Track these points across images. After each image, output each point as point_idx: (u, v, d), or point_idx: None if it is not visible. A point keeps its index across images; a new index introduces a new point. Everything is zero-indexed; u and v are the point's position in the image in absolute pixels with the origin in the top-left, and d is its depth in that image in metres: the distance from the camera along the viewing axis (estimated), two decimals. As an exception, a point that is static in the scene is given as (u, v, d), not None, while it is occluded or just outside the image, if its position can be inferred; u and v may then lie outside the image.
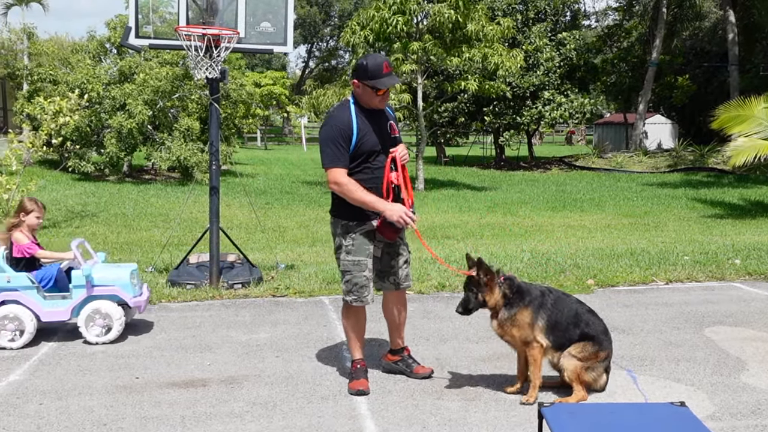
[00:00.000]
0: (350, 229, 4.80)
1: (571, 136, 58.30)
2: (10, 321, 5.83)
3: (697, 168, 27.98)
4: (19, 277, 5.93)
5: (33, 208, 6.27)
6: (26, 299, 5.90)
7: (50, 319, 5.99)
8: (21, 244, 6.11)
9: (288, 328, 6.40)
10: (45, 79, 22.26)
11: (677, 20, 37.68)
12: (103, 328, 5.96)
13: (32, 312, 5.89)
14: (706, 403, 4.59)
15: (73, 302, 5.99)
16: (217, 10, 7.76)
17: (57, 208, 15.44)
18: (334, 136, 4.68)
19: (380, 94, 4.75)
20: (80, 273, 5.97)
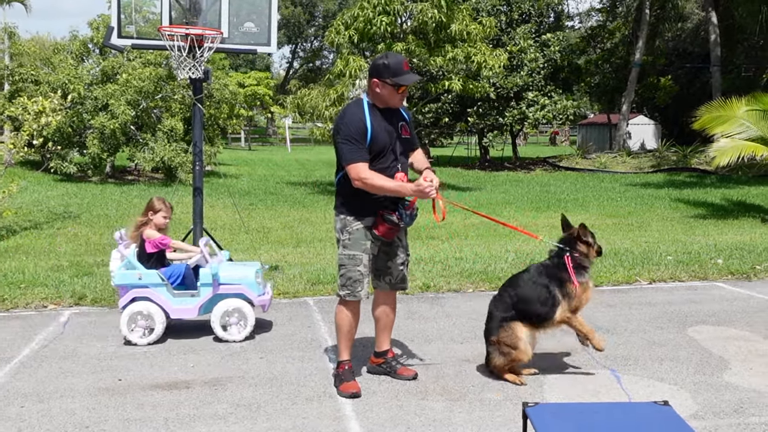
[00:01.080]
0: (347, 224, 4.81)
1: (555, 137, 58.51)
2: (142, 318, 5.95)
3: (680, 168, 28.13)
4: (150, 275, 6.02)
5: (161, 208, 6.37)
6: (156, 296, 6.01)
7: (179, 316, 6.12)
8: (154, 238, 6.21)
9: (272, 328, 6.37)
10: (26, 80, 22.07)
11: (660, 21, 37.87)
12: (236, 326, 6.05)
13: (162, 309, 6.00)
14: (689, 402, 4.62)
15: (201, 300, 6.10)
16: (200, 10, 7.72)
17: (39, 209, 15.31)
18: (350, 133, 4.69)
19: (401, 92, 4.77)
20: (208, 271, 6.06)
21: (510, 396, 4.74)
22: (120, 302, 6.03)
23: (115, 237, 6.36)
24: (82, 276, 8.25)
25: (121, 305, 5.99)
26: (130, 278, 6.00)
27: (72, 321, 6.62)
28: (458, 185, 24.40)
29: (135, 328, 5.95)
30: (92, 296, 7.31)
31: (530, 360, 5.00)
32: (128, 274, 6.02)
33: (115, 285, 6.10)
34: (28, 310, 7.03)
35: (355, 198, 4.78)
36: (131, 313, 5.93)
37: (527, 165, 32.91)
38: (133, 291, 5.98)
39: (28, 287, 7.66)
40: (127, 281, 6.01)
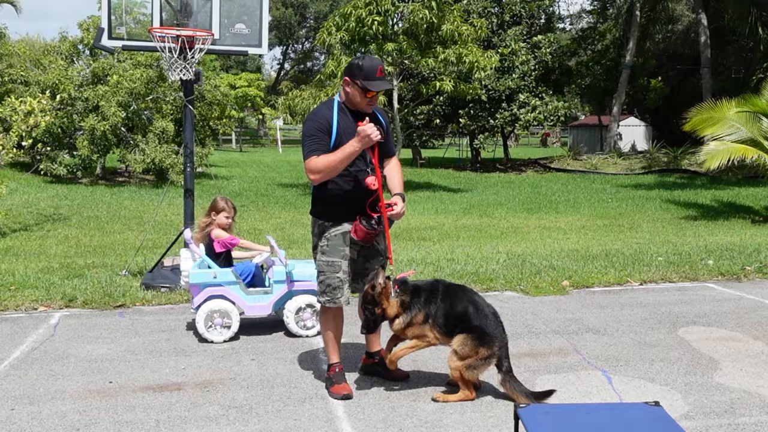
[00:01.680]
0: (325, 229, 4.79)
1: (546, 139, 58.66)
2: (219, 315, 6.03)
3: (671, 170, 28.25)
4: (225, 273, 6.13)
5: (224, 207, 6.47)
6: (231, 294, 6.11)
7: (253, 313, 6.20)
8: (223, 238, 6.38)
9: (264, 330, 6.36)
10: (16, 81, 22.00)
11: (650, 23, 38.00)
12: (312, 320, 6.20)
13: (237, 306, 6.11)
14: (680, 403, 4.63)
15: (275, 297, 6.20)
16: (191, 12, 7.72)
17: (29, 211, 15.26)
18: (309, 129, 4.68)
19: (369, 96, 4.69)
20: (281, 269, 6.18)
21: (501, 397, 4.75)
22: (194, 301, 6.09)
23: (185, 236, 6.57)
24: (72, 278, 8.22)
25: (196, 304, 6.06)
26: (205, 277, 6.09)
27: (62, 323, 6.59)
28: (450, 186, 24.43)
29: (212, 327, 6.04)
30: (83, 298, 7.28)
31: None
32: (203, 273, 6.11)
33: (190, 284, 6.15)
34: (19, 312, 7.00)
35: (333, 203, 4.75)
36: (208, 312, 6.02)
37: (518, 166, 32.99)
38: (208, 290, 6.07)
39: (19, 289, 7.62)
40: (202, 280, 6.09)
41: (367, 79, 4.62)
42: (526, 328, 6.39)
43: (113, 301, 7.26)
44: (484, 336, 4.66)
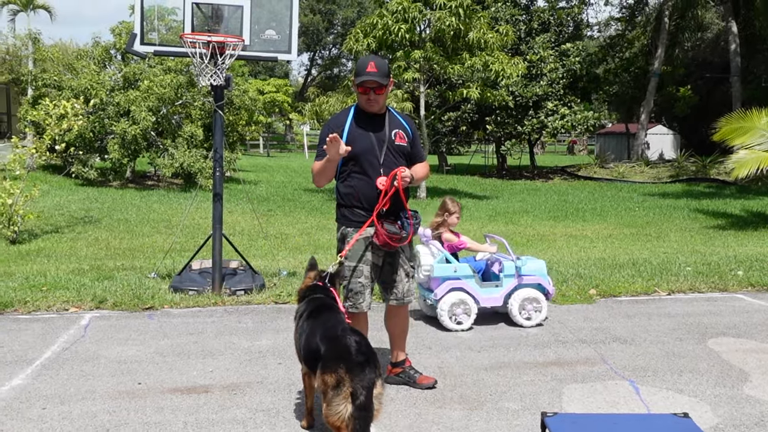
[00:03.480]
0: (347, 235, 4.82)
1: (573, 146, 58.36)
2: (459, 306, 6.56)
3: (699, 179, 27.99)
4: (463, 267, 6.74)
5: (455, 210, 6.94)
6: (469, 287, 6.67)
7: (487, 304, 6.75)
8: (452, 242, 6.90)
9: (290, 335, 6.34)
10: (49, 85, 22.30)
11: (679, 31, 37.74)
12: (534, 312, 6.72)
13: (474, 298, 6.63)
14: (709, 415, 4.59)
15: (505, 290, 6.76)
16: (222, 18, 7.79)
17: (60, 214, 15.45)
18: (322, 135, 4.78)
19: (362, 93, 4.76)
20: (511, 264, 6.77)
21: (528, 405, 4.74)
22: (437, 293, 6.60)
23: (420, 233, 6.88)
24: (102, 280, 8.31)
25: (438, 296, 6.58)
26: (446, 271, 6.67)
27: (93, 324, 6.67)
28: (475, 193, 24.39)
29: (453, 317, 6.57)
30: (113, 300, 7.36)
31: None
32: (445, 267, 6.67)
33: (432, 277, 6.67)
34: (50, 312, 7.09)
35: (355, 209, 4.80)
36: (450, 303, 6.56)
37: (545, 174, 32.84)
38: (449, 282, 6.63)
39: (50, 290, 7.73)
40: (443, 274, 6.66)
41: (357, 76, 4.75)
42: (552, 337, 6.37)
43: (142, 303, 7.34)
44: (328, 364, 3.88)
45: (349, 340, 3.89)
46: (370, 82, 4.71)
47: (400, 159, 4.87)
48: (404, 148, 4.89)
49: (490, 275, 6.99)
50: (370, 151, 4.75)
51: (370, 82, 4.71)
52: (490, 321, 6.88)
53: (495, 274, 6.94)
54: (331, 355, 3.87)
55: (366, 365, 3.72)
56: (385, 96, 4.85)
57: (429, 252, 6.82)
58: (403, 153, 4.89)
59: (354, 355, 3.78)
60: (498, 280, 6.82)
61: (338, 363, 3.77)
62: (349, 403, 3.64)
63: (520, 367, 5.54)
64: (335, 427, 3.70)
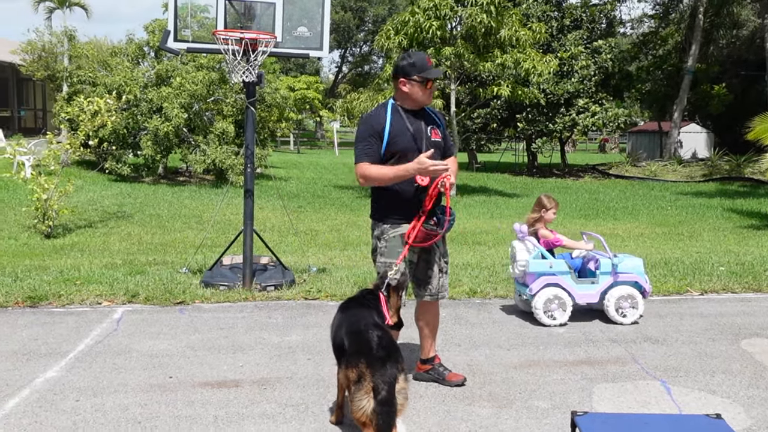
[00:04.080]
0: (384, 232, 4.82)
1: (605, 144, 57.83)
2: (554, 302, 6.65)
3: (733, 178, 27.61)
4: (559, 264, 6.80)
5: (552, 206, 7.03)
6: (564, 283, 6.73)
7: (582, 301, 6.82)
8: (548, 238, 6.95)
9: (320, 331, 6.41)
10: (84, 81, 22.58)
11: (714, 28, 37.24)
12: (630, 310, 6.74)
13: (569, 294, 6.71)
14: (742, 416, 4.53)
15: (601, 287, 6.79)
16: (254, 15, 7.83)
17: (93, 209, 15.65)
18: (362, 132, 4.76)
19: (429, 87, 4.79)
20: (608, 261, 6.81)
21: (558, 404, 4.71)
22: (532, 288, 6.67)
23: (515, 228, 7.14)
24: (135, 274, 8.41)
25: (533, 291, 6.65)
26: (541, 267, 6.74)
27: (125, 318, 6.75)
28: (505, 191, 24.29)
29: (548, 312, 6.64)
30: (145, 294, 7.45)
31: None
32: (540, 263, 6.75)
33: (527, 273, 6.76)
34: (83, 306, 7.19)
35: (392, 205, 4.78)
36: (545, 299, 6.64)
37: (576, 172, 32.62)
38: (544, 278, 6.70)
39: (83, 284, 7.83)
40: (539, 269, 6.73)
41: (423, 71, 4.73)
42: (583, 336, 6.33)
43: (174, 297, 7.41)
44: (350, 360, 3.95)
45: (370, 335, 3.91)
46: (436, 73, 4.79)
47: (437, 154, 4.86)
48: (439, 143, 4.91)
49: (586, 272, 7.00)
50: (411, 147, 4.74)
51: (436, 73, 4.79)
52: (518, 320, 6.86)
53: (591, 271, 6.95)
54: (353, 349, 3.91)
55: (387, 360, 3.74)
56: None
57: (525, 248, 6.92)
58: (439, 148, 4.90)
59: (375, 349, 3.80)
60: (594, 277, 6.85)
61: (359, 358, 3.80)
62: (371, 398, 3.66)
63: (550, 365, 5.51)
64: (360, 422, 3.72)
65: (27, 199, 13.53)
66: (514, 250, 6.98)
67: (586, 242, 7.11)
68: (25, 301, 7.21)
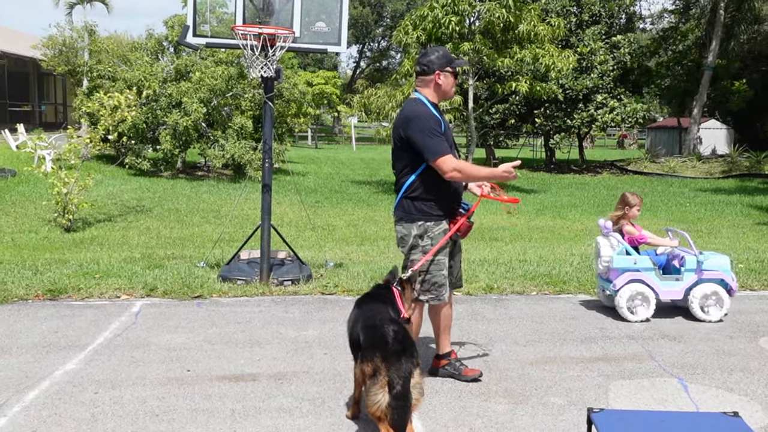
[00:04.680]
0: (428, 230, 4.80)
1: (624, 140, 57.48)
2: (638, 298, 6.72)
3: (753, 174, 27.38)
4: (644, 260, 6.86)
5: (636, 203, 7.12)
6: (648, 279, 6.80)
7: (666, 297, 6.88)
8: (633, 234, 7.03)
9: (336, 326, 6.43)
10: (104, 76, 22.71)
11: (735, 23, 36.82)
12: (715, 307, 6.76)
13: (653, 290, 6.76)
14: (759, 414, 4.51)
15: (686, 284, 6.83)
16: (273, 10, 7.85)
17: (113, 203, 15.77)
18: (431, 126, 4.67)
19: (455, 78, 4.85)
20: (693, 258, 6.85)
21: (574, 401, 4.71)
22: (615, 284, 6.75)
23: (599, 224, 7.17)
24: (153, 268, 8.47)
25: (617, 287, 6.72)
26: (626, 263, 6.80)
27: (143, 312, 6.81)
28: (523, 187, 24.21)
29: (632, 307, 6.70)
30: (163, 288, 7.50)
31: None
32: (625, 259, 6.81)
33: (611, 268, 6.83)
34: (102, 299, 7.25)
35: (434, 201, 4.77)
36: (629, 294, 6.70)
37: (594, 168, 32.46)
38: (628, 274, 6.76)
39: (103, 278, 7.90)
40: (623, 265, 6.80)
41: (452, 62, 4.84)
42: (599, 332, 6.31)
43: (191, 291, 7.46)
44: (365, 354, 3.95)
45: (386, 330, 3.91)
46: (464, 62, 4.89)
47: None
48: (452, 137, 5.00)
49: (670, 269, 7.03)
50: (452, 141, 4.83)
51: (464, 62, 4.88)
52: (535, 316, 6.85)
53: (676, 268, 6.96)
54: (368, 344, 3.91)
55: (402, 354, 3.74)
56: None
57: (608, 244, 6.97)
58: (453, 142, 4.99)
59: (390, 344, 3.80)
60: (679, 274, 6.87)
61: (374, 352, 3.79)
62: (386, 392, 3.66)
63: (566, 362, 5.51)
64: (375, 416, 3.72)
65: (47, 193, 13.65)
66: (598, 246, 7.05)
67: (671, 239, 7.17)
68: (45, 294, 7.28)
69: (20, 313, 6.67)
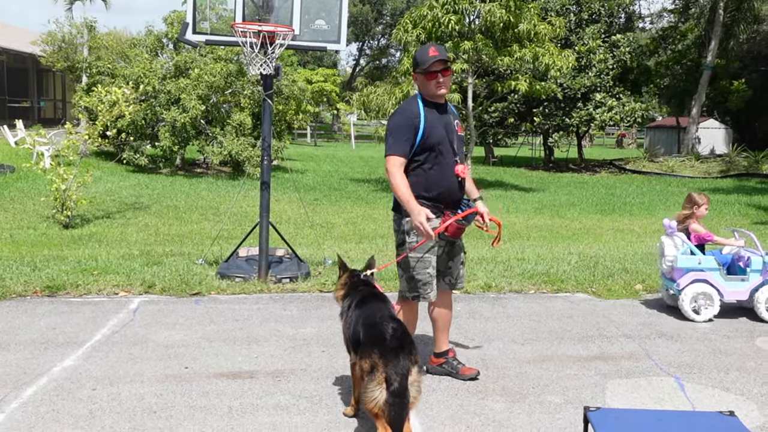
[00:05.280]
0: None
1: (622, 139, 57.51)
2: (701, 298, 6.74)
3: (751, 174, 27.40)
4: (708, 260, 6.87)
5: (704, 202, 7.08)
6: (713, 279, 6.80)
7: (731, 297, 6.87)
8: (701, 233, 7.01)
9: (334, 323, 6.42)
10: (103, 72, 22.71)
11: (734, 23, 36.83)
12: None
13: (717, 291, 6.77)
14: (755, 414, 4.53)
15: (751, 284, 6.81)
16: (272, 8, 7.85)
17: (111, 199, 15.76)
18: (399, 124, 4.75)
19: (431, 79, 4.75)
20: (759, 259, 6.82)
21: (571, 399, 4.72)
22: (679, 283, 6.79)
23: (664, 223, 7.19)
24: (151, 265, 8.47)
25: (681, 286, 6.76)
26: (690, 263, 6.83)
27: (141, 308, 6.81)
28: (522, 186, 24.23)
29: (696, 307, 6.73)
30: (161, 285, 7.50)
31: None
32: (689, 258, 6.85)
33: (675, 268, 6.87)
34: (100, 296, 7.26)
35: (423, 199, 4.77)
36: (693, 294, 6.73)
37: (592, 167, 32.48)
38: (692, 274, 6.80)
39: (101, 274, 7.90)
40: (687, 265, 6.83)
41: (421, 65, 4.76)
42: (597, 331, 6.32)
43: (190, 288, 7.47)
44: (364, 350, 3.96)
45: (384, 327, 3.93)
46: (436, 64, 4.72)
47: (462, 147, 4.97)
48: (462, 137, 5.01)
49: (736, 269, 7.01)
50: (444, 140, 4.77)
51: (437, 64, 4.72)
52: (533, 315, 6.86)
53: (741, 269, 6.95)
54: (367, 340, 3.92)
55: (400, 351, 3.74)
56: (450, 79, 4.87)
57: (673, 243, 7.00)
58: (462, 142, 4.99)
59: (388, 340, 3.81)
60: (744, 275, 6.85)
61: (372, 348, 3.80)
62: (383, 389, 3.66)
63: (564, 360, 5.52)
64: (372, 413, 3.72)
65: (46, 190, 13.65)
66: (662, 246, 7.07)
67: (737, 239, 7.17)
68: (43, 291, 7.29)
69: (18, 310, 6.67)
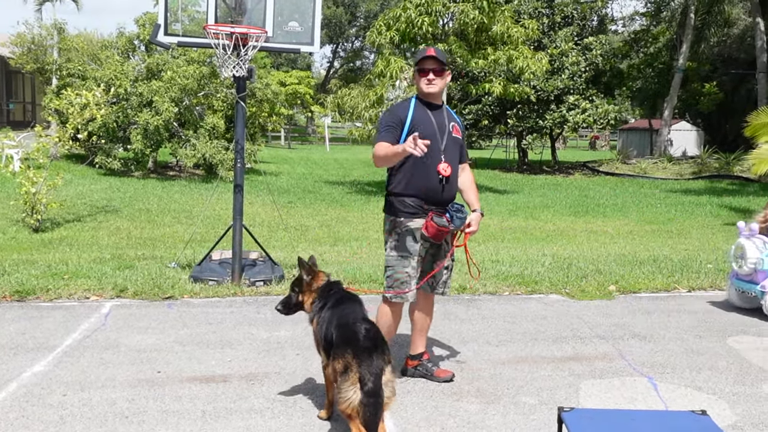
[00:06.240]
0: (397, 225, 4.83)
1: (595, 141, 57.95)
2: None
3: (722, 176, 27.73)
4: None
5: None
6: None
7: None
8: None
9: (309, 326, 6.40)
10: (74, 75, 22.45)
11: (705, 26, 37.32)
12: None
13: None
14: (727, 413, 4.57)
15: None
16: (245, 10, 7.81)
17: (82, 203, 15.58)
18: (386, 119, 4.87)
19: (422, 76, 4.86)
20: None
21: (545, 400, 4.73)
22: (763, 285, 6.83)
23: (738, 226, 7.36)
24: (123, 269, 8.38)
25: (766, 288, 6.81)
26: None
27: (113, 313, 6.74)
28: (496, 188, 24.31)
29: None
30: (133, 289, 7.42)
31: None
32: None
33: (758, 270, 6.91)
34: (71, 300, 7.17)
35: (405, 199, 4.81)
36: None
37: (566, 169, 32.68)
38: None
39: (72, 278, 7.80)
40: None
41: (415, 62, 4.94)
42: (570, 332, 6.35)
43: (162, 292, 7.40)
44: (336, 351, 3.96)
45: (357, 327, 3.92)
46: (427, 61, 4.84)
47: (456, 150, 4.99)
48: (459, 140, 5.04)
49: None
50: (432, 137, 4.76)
51: (428, 62, 4.83)
52: (507, 316, 6.87)
53: None
54: (340, 341, 3.91)
55: (373, 351, 3.74)
56: (445, 82, 4.93)
57: (755, 246, 7.02)
58: (459, 145, 5.02)
59: (361, 340, 3.80)
60: None
61: (345, 348, 3.79)
62: (357, 389, 3.64)
63: (538, 361, 5.54)
64: (346, 415, 3.70)
65: (15, 193, 13.45)
66: (742, 249, 7.08)
67: None
68: (12, 296, 7.18)
69: (-13, 315, 6.57)
